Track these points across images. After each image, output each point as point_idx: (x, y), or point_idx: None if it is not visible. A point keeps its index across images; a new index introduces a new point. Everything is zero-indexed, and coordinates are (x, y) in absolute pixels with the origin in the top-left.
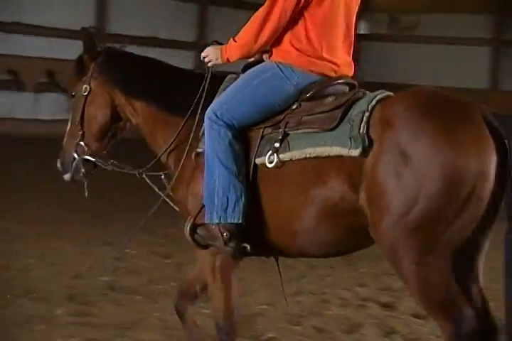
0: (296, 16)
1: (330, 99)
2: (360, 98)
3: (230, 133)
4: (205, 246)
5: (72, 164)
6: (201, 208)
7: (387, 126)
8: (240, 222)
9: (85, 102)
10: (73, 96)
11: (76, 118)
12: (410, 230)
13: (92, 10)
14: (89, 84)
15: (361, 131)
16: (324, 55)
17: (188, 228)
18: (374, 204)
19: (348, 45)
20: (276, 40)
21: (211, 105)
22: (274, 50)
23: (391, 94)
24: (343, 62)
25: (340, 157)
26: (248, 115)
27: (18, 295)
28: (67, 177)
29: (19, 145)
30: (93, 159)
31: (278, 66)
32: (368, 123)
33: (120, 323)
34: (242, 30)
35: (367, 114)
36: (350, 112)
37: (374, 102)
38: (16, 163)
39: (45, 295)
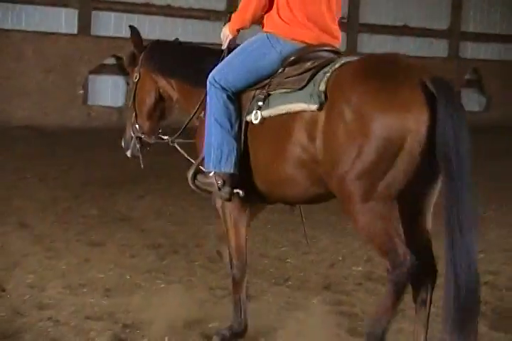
0: None
1: (308, 63)
2: (332, 62)
3: (224, 95)
4: (208, 192)
5: (130, 142)
6: (202, 159)
7: (339, 86)
8: (232, 171)
9: (136, 88)
10: (128, 84)
11: (130, 103)
12: (353, 180)
13: (344, 2)
14: (138, 73)
15: (320, 88)
16: (305, 23)
17: (190, 175)
18: (325, 155)
19: (333, 13)
20: (267, 11)
21: (212, 71)
22: (264, 21)
23: (369, 55)
24: (326, 30)
25: (303, 112)
26: (240, 79)
27: (276, 282)
28: (128, 153)
29: None
30: (142, 135)
31: (266, 35)
32: (326, 82)
33: None
34: (239, 4)
35: (327, 74)
36: (318, 74)
37: (337, 65)
38: None
39: (301, 284)
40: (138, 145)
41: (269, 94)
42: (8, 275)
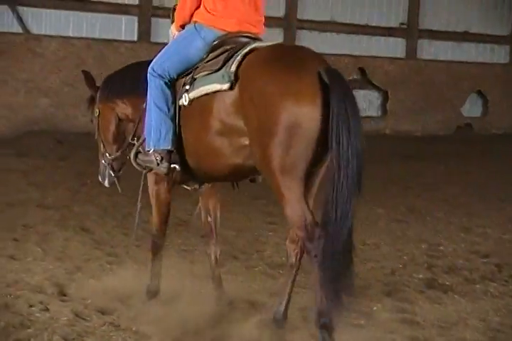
0: None
1: (226, 47)
2: (244, 46)
3: (162, 82)
4: (148, 170)
5: (105, 172)
6: (143, 140)
7: (248, 68)
8: (170, 148)
9: (98, 121)
10: (92, 122)
11: (96, 137)
12: (263, 156)
13: (404, 8)
14: (98, 108)
15: (231, 69)
16: (226, 13)
17: (132, 154)
18: (247, 126)
19: (257, 5)
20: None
21: (151, 63)
22: (195, 13)
23: (278, 44)
24: (247, 20)
25: (219, 91)
26: (174, 66)
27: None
28: (106, 183)
29: None
30: (112, 161)
31: (194, 25)
32: (237, 64)
33: (439, 322)
34: (178, 3)
35: (239, 58)
36: (232, 57)
37: (247, 50)
38: None
39: (361, 291)
40: (112, 172)
41: (194, 79)
42: (70, 279)
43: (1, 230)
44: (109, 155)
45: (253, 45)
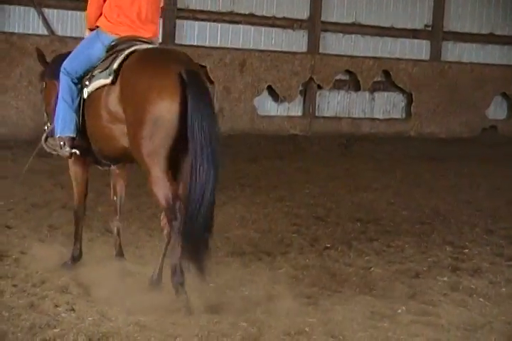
0: None
1: (118, 49)
2: (128, 48)
3: (69, 79)
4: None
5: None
6: (53, 126)
7: (125, 68)
8: (72, 135)
9: (44, 94)
10: (41, 92)
11: (43, 107)
12: (133, 142)
13: (429, 10)
14: (44, 82)
15: (113, 67)
16: (121, 21)
17: (43, 138)
18: (125, 115)
19: (151, 13)
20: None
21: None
22: (98, 19)
23: (154, 47)
24: (140, 26)
25: (106, 86)
26: (79, 66)
27: (360, 291)
28: (45, 147)
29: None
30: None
31: (96, 31)
32: (119, 63)
33: (464, 325)
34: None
35: (121, 57)
36: (117, 57)
37: (129, 51)
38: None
39: (386, 293)
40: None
41: (93, 76)
42: (95, 280)
43: (26, 230)
44: (50, 124)
45: (135, 47)
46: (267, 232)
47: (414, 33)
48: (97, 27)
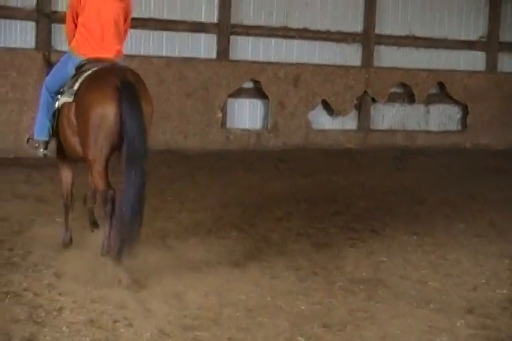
0: (76, 19)
1: (82, 70)
2: (89, 70)
3: (47, 93)
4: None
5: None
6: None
7: (79, 89)
8: (46, 139)
9: None
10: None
11: None
12: (86, 146)
13: (484, 21)
14: None
15: (74, 88)
16: (89, 43)
17: (26, 139)
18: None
19: (116, 36)
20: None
21: None
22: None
23: (102, 66)
24: (106, 48)
25: (69, 102)
26: (54, 82)
27: (418, 305)
28: None
29: (412, 156)
30: None
31: (68, 52)
32: (79, 84)
33: None
34: None
35: (81, 78)
36: (79, 78)
37: (88, 72)
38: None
39: (443, 307)
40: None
41: (63, 92)
42: (152, 295)
43: (84, 246)
44: None
45: (93, 69)
46: (323, 246)
47: (468, 45)
48: (71, 47)
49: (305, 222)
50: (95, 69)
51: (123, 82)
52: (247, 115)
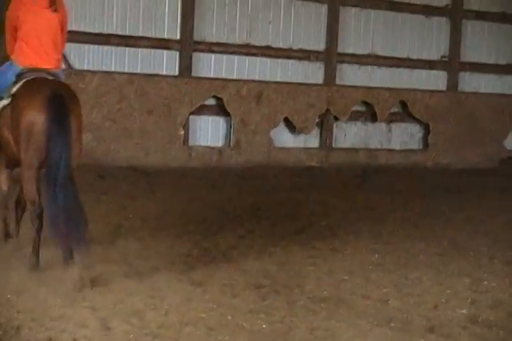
0: (15, 33)
1: (21, 78)
2: (26, 77)
3: None
4: None
5: None
6: None
7: (17, 91)
8: None
9: None
10: None
11: None
12: (17, 151)
13: (445, 41)
14: None
15: (11, 92)
16: (27, 54)
17: None
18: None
19: (55, 46)
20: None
21: None
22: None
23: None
24: (45, 58)
25: (7, 105)
26: None
27: (378, 324)
28: None
29: (374, 174)
30: None
31: (10, 61)
32: (16, 89)
33: None
34: None
35: (17, 85)
36: (16, 84)
37: (25, 79)
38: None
39: (404, 326)
40: None
41: (2, 97)
42: (113, 313)
43: (44, 264)
44: None
45: (29, 77)
46: (284, 264)
47: (430, 64)
48: (11, 57)
49: (266, 240)
50: (33, 77)
51: (55, 94)
52: (209, 132)
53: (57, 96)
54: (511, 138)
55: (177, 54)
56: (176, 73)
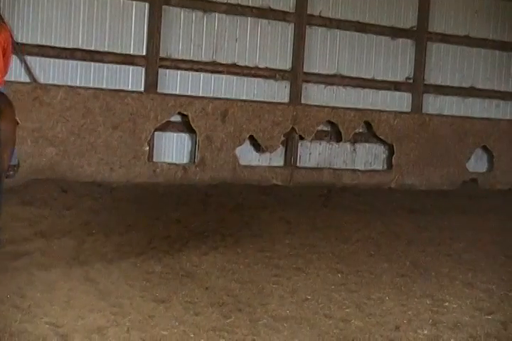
0: None
1: None
2: None
3: None
4: None
5: None
6: None
7: None
8: None
9: None
10: None
11: None
12: None
13: (410, 62)
14: None
15: None
16: None
17: None
18: None
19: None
20: None
21: None
22: None
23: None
24: None
25: None
26: None
27: None
28: None
29: (338, 194)
30: None
31: None
32: None
33: None
34: None
35: None
36: None
37: None
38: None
39: None
40: None
41: None
42: (74, 329)
43: (5, 279)
44: None
45: None
46: (248, 283)
47: (395, 85)
48: None
49: (230, 258)
50: None
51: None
52: (174, 149)
53: None
54: (473, 160)
55: (143, 70)
56: (142, 89)
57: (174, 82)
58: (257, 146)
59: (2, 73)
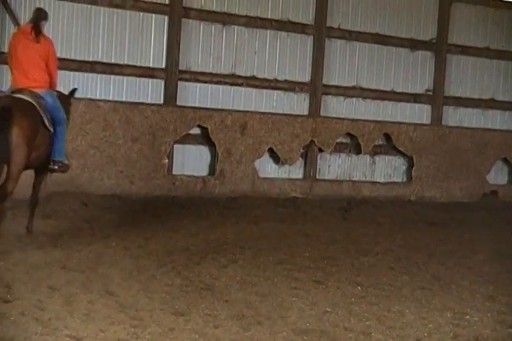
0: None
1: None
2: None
3: None
4: None
5: None
6: None
7: None
8: None
9: None
10: None
11: None
12: None
13: (430, 74)
14: None
15: None
16: (16, 76)
17: None
18: None
19: (37, 70)
20: None
21: None
22: None
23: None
24: (28, 77)
25: None
26: None
27: None
28: None
29: (357, 206)
30: None
31: None
32: None
33: None
34: None
35: None
36: None
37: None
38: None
39: None
40: None
41: None
42: None
43: (26, 292)
44: None
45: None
46: (267, 295)
47: (415, 97)
48: None
49: (249, 271)
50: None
51: (2, 108)
52: (193, 161)
53: (4, 109)
54: (494, 172)
55: (162, 83)
56: (161, 102)
57: (193, 95)
58: (276, 159)
59: (54, 74)
